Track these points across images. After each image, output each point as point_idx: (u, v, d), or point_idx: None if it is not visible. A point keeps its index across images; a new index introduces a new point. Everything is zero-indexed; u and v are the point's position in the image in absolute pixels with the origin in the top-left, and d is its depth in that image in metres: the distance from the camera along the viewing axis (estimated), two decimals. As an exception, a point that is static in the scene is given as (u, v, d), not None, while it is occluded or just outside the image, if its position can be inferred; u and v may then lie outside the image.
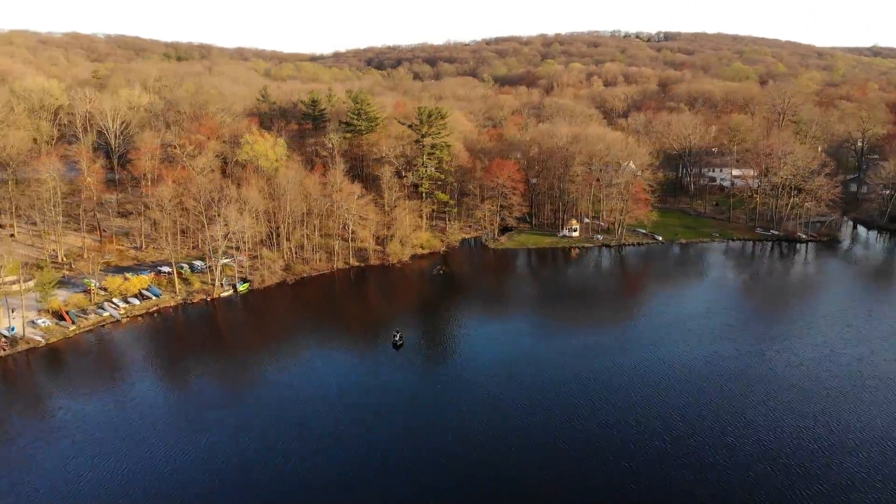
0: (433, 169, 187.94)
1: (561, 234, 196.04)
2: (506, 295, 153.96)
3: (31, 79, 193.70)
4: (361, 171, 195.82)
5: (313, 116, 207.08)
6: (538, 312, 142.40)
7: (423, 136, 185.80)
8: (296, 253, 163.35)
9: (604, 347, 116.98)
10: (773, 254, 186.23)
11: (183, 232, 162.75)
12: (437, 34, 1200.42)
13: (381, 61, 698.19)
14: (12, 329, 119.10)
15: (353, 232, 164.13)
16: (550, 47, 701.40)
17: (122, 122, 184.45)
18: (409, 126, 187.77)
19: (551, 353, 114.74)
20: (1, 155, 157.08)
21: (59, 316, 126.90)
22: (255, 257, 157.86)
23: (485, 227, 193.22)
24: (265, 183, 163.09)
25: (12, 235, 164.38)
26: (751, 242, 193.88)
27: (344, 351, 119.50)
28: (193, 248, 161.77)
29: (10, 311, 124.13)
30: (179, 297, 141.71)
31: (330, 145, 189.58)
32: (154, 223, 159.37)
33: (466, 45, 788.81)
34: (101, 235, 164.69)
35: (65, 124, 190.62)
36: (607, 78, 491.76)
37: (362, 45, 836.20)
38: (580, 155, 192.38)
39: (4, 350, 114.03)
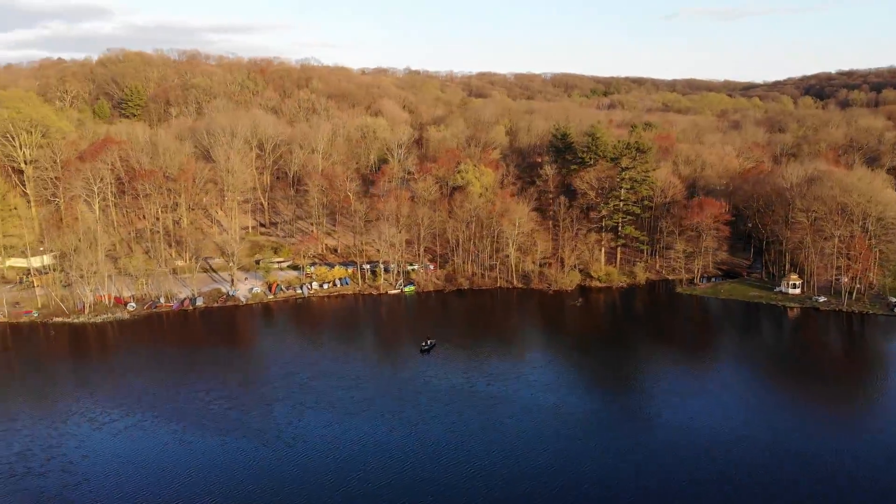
0: (632, 203, 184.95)
1: (777, 290, 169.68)
2: (639, 343, 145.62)
3: (362, 118, 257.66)
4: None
5: (559, 148, 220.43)
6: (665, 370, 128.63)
7: (623, 170, 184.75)
8: (464, 267, 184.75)
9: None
10: None
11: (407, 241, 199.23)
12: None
13: (821, 88, 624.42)
14: (234, 291, 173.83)
15: (507, 255, 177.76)
16: None
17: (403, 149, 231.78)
18: (611, 159, 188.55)
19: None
20: (301, 171, 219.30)
21: (269, 287, 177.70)
22: (441, 267, 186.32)
23: (681, 270, 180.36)
24: (457, 205, 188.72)
25: (312, 232, 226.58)
26: None
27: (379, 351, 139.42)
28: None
29: (245, 279, 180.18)
30: (357, 289, 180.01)
31: (545, 176, 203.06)
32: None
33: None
34: (355, 236, 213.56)
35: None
36: None
37: (815, 71, 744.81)
38: (802, 199, 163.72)
39: (218, 302, 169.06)
